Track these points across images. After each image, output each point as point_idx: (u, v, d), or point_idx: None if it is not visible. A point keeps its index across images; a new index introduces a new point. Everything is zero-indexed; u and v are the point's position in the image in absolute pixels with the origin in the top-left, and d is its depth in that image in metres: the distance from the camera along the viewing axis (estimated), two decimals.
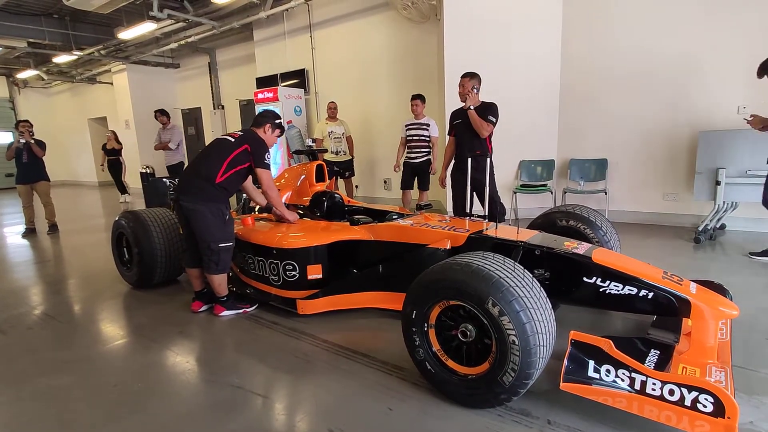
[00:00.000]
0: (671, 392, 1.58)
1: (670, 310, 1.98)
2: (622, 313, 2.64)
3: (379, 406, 1.92)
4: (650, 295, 2.00)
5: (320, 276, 2.92)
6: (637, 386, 1.64)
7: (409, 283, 2.01)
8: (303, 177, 3.72)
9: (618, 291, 2.07)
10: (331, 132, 6.44)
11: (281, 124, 3.19)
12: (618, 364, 1.69)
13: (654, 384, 1.62)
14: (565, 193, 5.40)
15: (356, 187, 7.44)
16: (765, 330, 2.43)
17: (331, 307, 2.88)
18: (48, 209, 6.48)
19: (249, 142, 2.97)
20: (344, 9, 7.53)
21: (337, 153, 6.47)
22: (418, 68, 6.85)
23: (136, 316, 3.21)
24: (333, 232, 3.00)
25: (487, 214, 3.45)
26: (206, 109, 11.28)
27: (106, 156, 9.94)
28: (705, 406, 1.51)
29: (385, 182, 7.70)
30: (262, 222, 3.48)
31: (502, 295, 1.67)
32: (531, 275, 1.84)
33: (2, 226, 7.62)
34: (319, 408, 1.96)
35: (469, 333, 1.84)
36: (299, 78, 8.46)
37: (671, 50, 4.85)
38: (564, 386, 1.71)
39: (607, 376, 1.70)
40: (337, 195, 3.65)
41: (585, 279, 2.15)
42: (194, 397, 2.12)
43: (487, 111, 3.76)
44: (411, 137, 5.34)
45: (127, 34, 8.80)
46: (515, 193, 5.56)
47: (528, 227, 2.88)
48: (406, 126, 5.39)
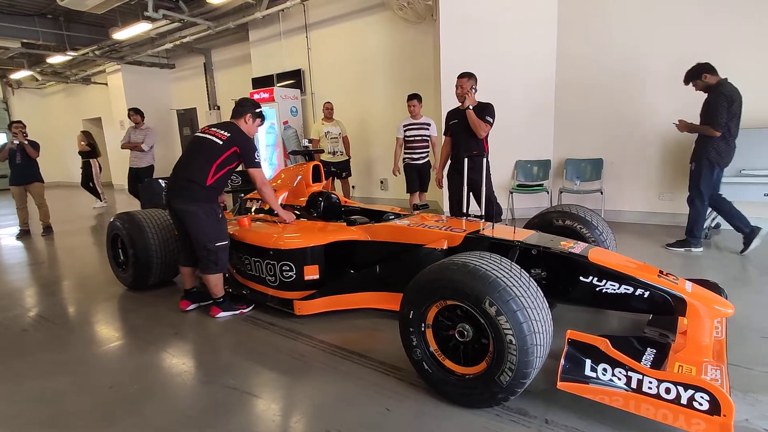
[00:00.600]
0: (667, 390, 1.58)
1: (666, 309, 1.99)
2: (619, 312, 2.65)
3: (376, 406, 1.92)
4: (646, 294, 2.01)
5: (317, 276, 2.91)
6: (634, 385, 1.65)
7: (406, 284, 2.00)
8: (299, 177, 3.71)
9: (614, 290, 2.08)
10: (328, 132, 6.43)
11: (261, 113, 3.12)
12: (615, 363, 1.70)
13: (650, 382, 1.62)
14: (561, 193, 5.41)
15: (353, 187, 7.44)
16: (760, 328, 2.45)
17: (328, 308, 2.87)
18: (42, 211, 6.43)
19: (237, 144, 2.93)
20: (340, 9, 7.53)
21: (334, 153, 6.46)
22: (414, 68, 6.85)
23: (132, 317, 3.19)
24: (330, 233, 3.00)
25: (483, 214, 3.46)
26: (202, 110, 11.25)
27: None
28: (701, 404, 1.51)
29: (381, 182, 7.70)
30: (259, 223, 3.47)
31: (499, 294, 1.67)
32: (528, 275, 1.84)
33: None
34: (316, 409, 1.95)
35: (466, 333, 1.84)
36: (295, 78, 8.45)
37: (667, 50, 4.88)
38: (561, 385, 1.71)
39: (604, 374, 1.70)
40: (333, 195, 3.64)
41: (581, 278, 2.16)
42: (190, 399, 2.10)
43: (485, 111, 3.76)
44: (413, 137, 5.24)
45: (122, 34, 8.76)
46: (512, 193, 5.58)
47: (524, 227, 2.89)
48: (404, 126, 5.29)
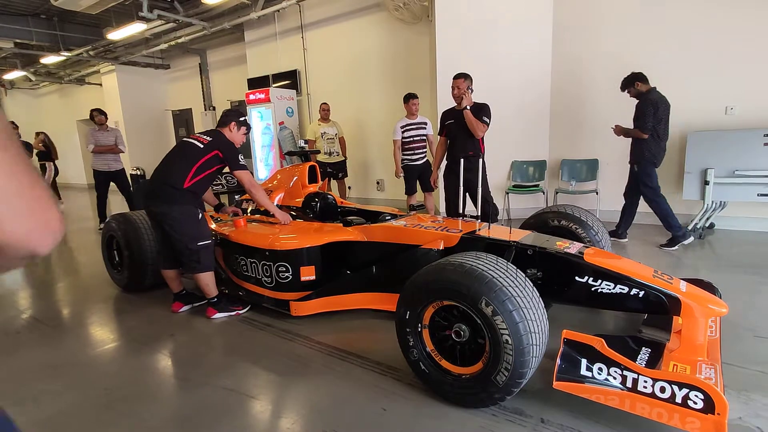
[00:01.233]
0: (662, 389, 1.59)
1: (661, 309, 2.00)
2: (614, 312, 2.67)
3: (373, 406, 1.92)
4: (641, 293, 2.02)
5: (313, 277, 2.91)
6: (629, 384, 1.66)
7: (403, 284, 2.01)
8: (295, 178, 3.71)
9: (609, 290, 2.09)
10: (324, 133, 6.42)
11: (246, 121, 3.16)
12: (610, 363, 1.71)
13: (645, 381, 1.63)
14: (557, 194, 5.44)
15: (349, 188, 7.43)
16: (753, 327, 2.47)
17: (324, 309, 2.87)
18: None
19: (219, 148, 2.97)
20: (336, 10, 7.52)
21: (330, 154, 6.45)
22: (411, 69, 6.85)
23: (127, 319, 3.18)
24: (326, 233, 3.00)
25: (479, 215, 3.47)
26: (197, 111, 11.20)
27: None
28: (695, 403, 1.53)
29: (377, 183, 7.70)
30: (255, 224, 3.47)
31: (495, 294, 1.68)
32: (524, 275, 1.85)
33: None
34: (313, 409, 1.95)
35: (462, 333, 1.85)
36: (291, 79, 8.44)
37: (661, 51, 4.91)
38: (557, 385, 1.72)
39: (600, 374, 1.71)
40: (330, 196, 3.64)
41: (577, 278, 2.17)
42: (187, 401, 2.10)
43: (481, 111, 3.77)
44: (411, 138, 5.14)
45: (117, 34, 8.70)
46: (507, 193, 5.59)
47: (520, 227, 2.90)
48: (401, 128, 5.18)
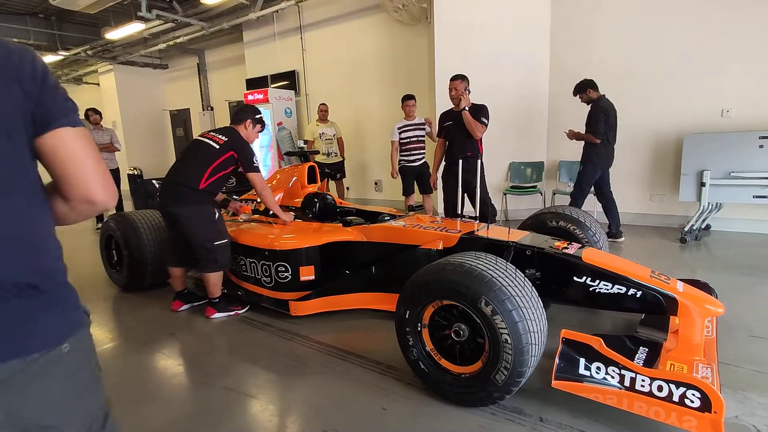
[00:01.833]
0: (660, 388, 1.61)
1: (658, 309, 2.02)
2: (612, 312, 2.68)
3: (373, 406, 1.93)
4: (639, 293, 2.04)
5: (313, 277, 2.92)
6: (627, 383, 1.68)
7: (402, 284, 2.02)
8: (295, 178, 3.72)
9: (607, 290, 2.11)
10: (322, 134, 6.43)
11: (262, 119, 3.16)
12: (608, 362, 1.73)
13: (643, 380, 1.65)
14: (555, 195, 5.45)
15: (347, 188, 7.44)
16: (749, 327, 2.49)
17: (323, 309, 2.88)
18: None
19: (234, 149, 2.94)
20: (335, 11, 7.54)
21: (328, 155, 6.46)
22: (409, 70, 6.87)
23: (126, 318, 3.18)
24: (325, 234, 3.01)
25: (478, 215, 3.49)
26: (195, 111, 11.20)
27: None
28: (692, 402, 1.54)
29: (376, 184, 7.71)
30: (254, 224, 3.47)
31: (495, 294, 1.69)
32: (522, 275, 1.87)
33: None
34: (313, 409, 1.96)
35: (462, 332, 1.86)
36: (289, 80, 8.44)
37: (657, 54, 4.95)
38: (556, 384, 1.74)
39: (598, 373, 1.73)
40: (329, 196, 3.65)
41: (575, 278, 2.18)
42: (187, 400, 2.10)
43: (480, 112, 3.79)
44: (408, 139, 5.13)
45: (115, 34, 8.70)
46: (505, 194, 5.61)
47: (519, 228, 2.92)
48: (399, 129, 5.17)
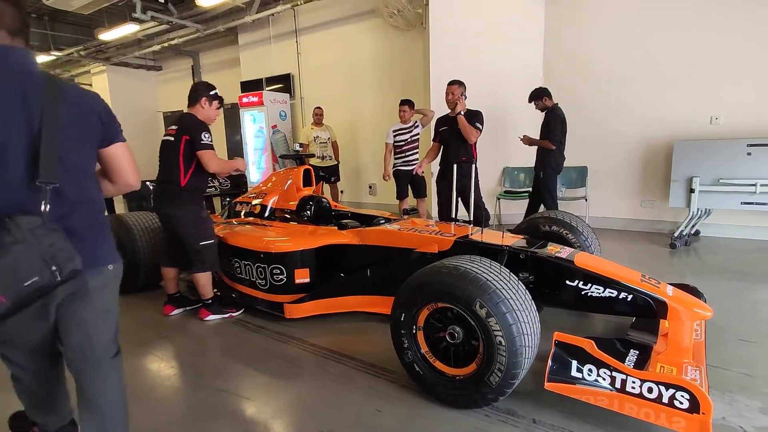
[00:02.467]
0: (650, 390, 1.64)
1: (648, 312, 2.06)
2: (603, 316, 2.72)
3: (368, 407, 1.94)
4: (629, 297, 2.07)
5: (308, 280, 2.93)
6: (618, 385, 1.71)
7: (397, 287, 2.04)
8: (290, 181, 3.72)
9: (599, 294, 2.14)
10: (317, 137, 6.45)
11: (218, 94, 2.99)
12: (600, 364, 1.76)
13: (634, 382, 1.68)
14: None
15: (341, 192, 7.45)
16: (736, 331, 2.54)
17: (318, 311, 2.88)
18: None
19: (185, 132, 2.83)
20: (331, 15, 7.57)
21: (323, 158, 6.47)
22: (404, 75, 6.92)
23: (120, 320, 3.15)
24: (320, 237, 3.02)
25: (472, 219, 3.52)
26: None
27: None
28: (681, 403, 1.58)
29: (370, 187, 7.73)
30: (248, 226, 3.47)
31: (489, 297, 1.71)
32: (516, 278, 1.89)
33: None
34: (308, 410, 1.97)
35: (456, 335, 1.88)
36: (284, 83, 8.46)
37: (648, 62, 5.04)
38: (548, 386, 1.76)
39: (590, 375, 1.76)
40: (324, 199, 3.67)
41: (568, 282, 2.22)
42: (181, 402, 2.10)
43: (474, 118, 3.84)
44: (404, 142, 5.14)
45: (109, 35, 8.66)
46: (499, 199, 5.66)
47: (512, 232, 2.95)
48: (393, 132, 5.23)
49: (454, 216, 3.60)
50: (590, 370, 1.76)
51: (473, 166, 3.58)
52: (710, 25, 4.66)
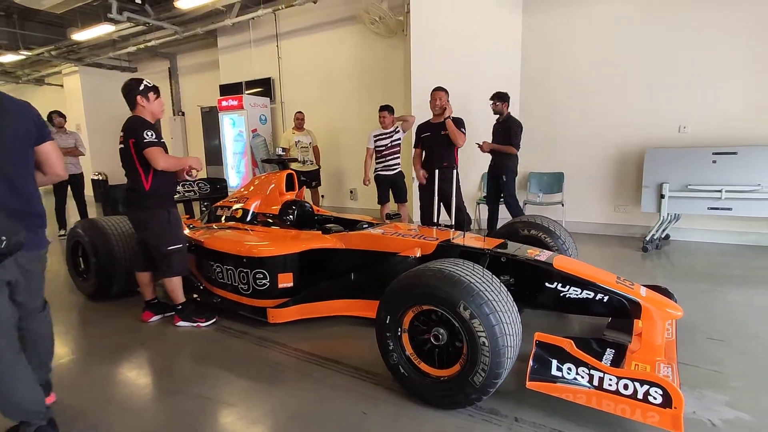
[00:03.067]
0: (626, 387, 1.71)
1: (623, 313, 2.15)
2: (579, 317, 2.81)
3: (353, 411, 1.95)
4: (606, 298, 2.16)
5: (291, 284, 2.92)
6: (596, 382, 1.77)
7: (380, 291, 2.06)
8: (272, 186, 3.71)
9: (577, 295, 2.22)
10: (298, 141, 6.44)
11: (149, 85, 2.84)
12: (579, 363, 1.82)
13: (610, 380, 1.75)
14: (525, 205, 5.62)
15: (322, 196, 7.44)
16: (705, 330, 2.66)
17: (301, 316, 2.88)
18: None
19: (129, 135, 2.74)
20: (312, 20, 7.58)
21: (304, 162, 6.46)
22: (385, 81, 6.98)
23: (95, 328, 3.08)
24: (304, 241, 3.02)
25: (453, 224, 3.57)
26: (165, 115, 10.93)
27: None
28: (655, 398, 1.65)
29: (351, 192, 7.74)
30: (230, 230, 3.44)
31: (473, 299, 1.76)
32: (498, 280, 1.94)
33: None
34: (293, 415, 1.96)
35: (441, 336, 1.91)
36: (265, 87, 8.41)
37: (621, 72, 5.23)
38: (530, 385, 1.81)
39: (569, 373, 1.82)
40: (307, 204, 3.66)
41: (547, 284, 2.29)
42: (160, 410, 2.07)
43: (458, 124, 3.91)
44: (384, 146, 5.17)
45: (82, 35, 8.43)
46: (479, 204, 5.76)
47: (493, 236, 3.01)
48: (374, 137, 5.26)
49: (436, 220, 3.65)
50: (570, 369, 1.82)
51: (454, 171, 3.64)
52: (679, 40, 4.88)
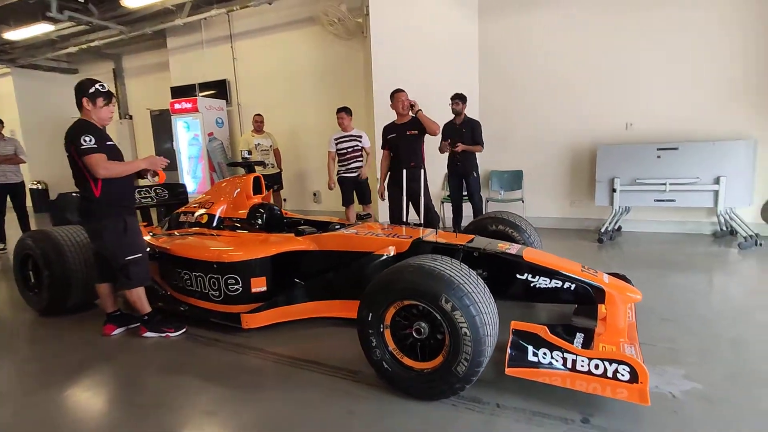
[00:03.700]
0: (596, 366, 1.83)
1: (589, 299, 2.29)
2: (546, 305, 2.95)
3: (338, 410, 1.95)
4: (573, 286, 2.29)
5: (264, 288, 2.87)
6: (569, 365, 1.88)
7: (356, 291, 2.09)
8: (239, 190, 3.63)
9: (546, 285, 2.35)
10: (258, 144, 6.31)
11: (100, 90, 2.67)
12: (553, 347, 1.92)
13: (583, 361, 1.86)
14: (488, 202, 5.83)
15: (284, 200, 7.33)
16: (659, 312, 2.88)
17: (277, 320, 2.83)
18: None
19: (69, 142, 2.59)
20: (267, 21, 7.46)
21: (265, 166, 6.34)
22: (346, 82, 6.99)
23: (50, 345, 2.88)
24: (276, 244, 2.98)
25: (422, 222, 3.65)
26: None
27: None
28: (623, 375, 1.78)
29: (314, 195, 7.69)
30: (194, 237, 3.33)
31: (454, 291, 1.82)
32: (475, 273, 2.02)
33: None
34: (277, 420, 1.93)
35: (422, 330, 1.96)
36: (219, 89, 8.18)
37: (571, 73, 5.54)
38: (509, 371, 1.90)
39: (545, 358, 1.92)
40: (275, 207, 3.61)
41: (518, 276, 2.40)
42: (138, 426, 1.97)
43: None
44: (345, 150, 5.20)
45: (15, 34, 7.87)
46: (443, 203, 5.90)
47: (462, 232, 3.11)
48: (335, 140, 5.26)
49: (405, 219, 3.71)
50: (545, 354, 1.92)
51: (422, 170, 3.72)
52: (626, 41, 5.22)
